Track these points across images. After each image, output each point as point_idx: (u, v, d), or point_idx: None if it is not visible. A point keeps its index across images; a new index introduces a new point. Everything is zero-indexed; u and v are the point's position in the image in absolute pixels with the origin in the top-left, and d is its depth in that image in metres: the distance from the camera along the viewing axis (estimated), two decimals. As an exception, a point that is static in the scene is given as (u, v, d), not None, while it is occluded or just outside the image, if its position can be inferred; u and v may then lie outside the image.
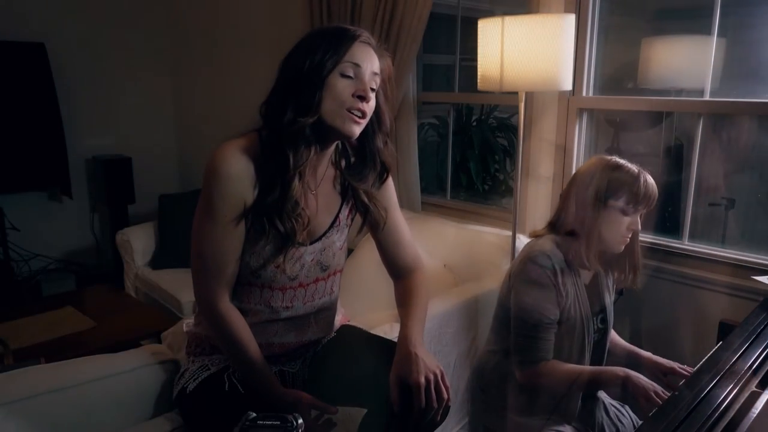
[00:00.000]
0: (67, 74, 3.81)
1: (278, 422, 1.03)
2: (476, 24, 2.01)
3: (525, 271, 1.45)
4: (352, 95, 1.15)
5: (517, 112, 2.20)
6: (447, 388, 1.19)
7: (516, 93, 2.04)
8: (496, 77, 1.93)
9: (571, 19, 1.94)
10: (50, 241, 3.94)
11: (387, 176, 1.34)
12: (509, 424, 1.50)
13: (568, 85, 1.99)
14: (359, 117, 1.17)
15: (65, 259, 4.04)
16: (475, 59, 2.06)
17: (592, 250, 1.43)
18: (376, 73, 1.19)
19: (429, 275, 2.24)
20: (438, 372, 1.19)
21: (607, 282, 1.56)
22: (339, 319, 1.52)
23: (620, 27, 2.56)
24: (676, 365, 1.48)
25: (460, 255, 2.32)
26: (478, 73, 2.03)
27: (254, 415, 1.06)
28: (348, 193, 1.33)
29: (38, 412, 1.19)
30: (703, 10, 2.06)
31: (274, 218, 1.19)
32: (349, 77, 1.16)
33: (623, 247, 1.47)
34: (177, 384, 1.35)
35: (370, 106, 1.19)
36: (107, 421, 1.29)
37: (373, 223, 1.36)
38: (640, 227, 1.45)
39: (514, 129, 3.55)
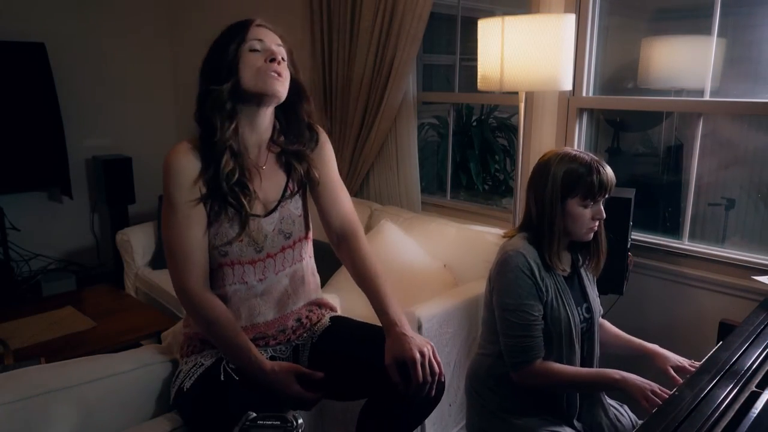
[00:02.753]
0: (67, 74, 3.81)
1: (278, 422, 1.04)
2: (476, 24, 2.01)
3: (502, 272, 1.45)
4: (265, 61, 1.31)
5: (517, 112, 2.20)
6: (438, 363, 1.27)
7: (516, 93, 2.05)
8: (496, 77, 1.94)
9: (571, 19, 1.94)
10: (50, 241, 3.95)
11: (317, 140, 1.47)
12: (506, 427, 1.50)
13: (568, 85, 1.99)
14: (277, 75, 1.31)
15: (65, 259, 4.04)
16: (475, 59, 2.06)
17: (554, 249, 1.44)
18: (279, 45, 1.35)
19: (429, 275, 2.26)
20: (429, 347, 1.27)
21: (587, 272, 1.57)
22: (319, 293, 1.55)
23: (620, 27, 2.57)
24: (686, 363, 1.48)
25: (460, 255, 2.32)
26: (478, 73, 2.03)
27: (254, 415, 1.06)
28: (291, 165, 1.44)
29: (38, 412, 1.19)
30: (703, 10, 2.07)
31: (219, 193, 1.31)
32: (257, 50, 1.32)
33: (592, 235, 1.48)
34: (173, 385, 1.36)
35: (284, 72, 1.33)
36: (107, 421, 1.29)
37: (308, 182, 1.46)
38: (604, 214, 1.45)
39: (514, 129, 3.55)
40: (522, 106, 2.07)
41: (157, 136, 4.36)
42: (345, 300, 2.06)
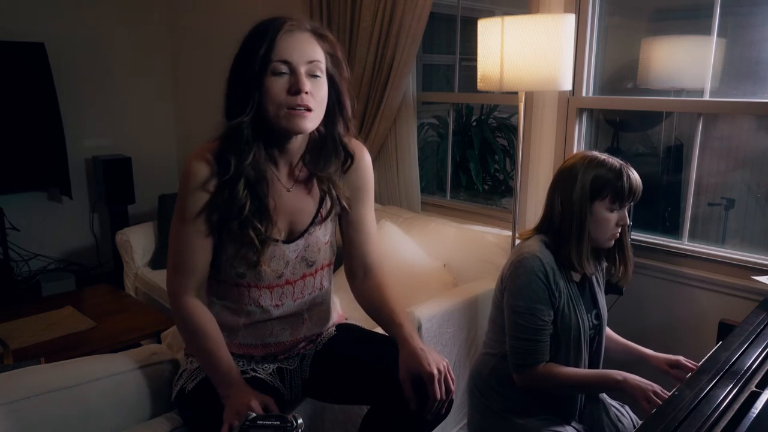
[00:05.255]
0: (67, 74, 3.81)
1: (278, 422, 1.03)
2: (476, 24, 2.01)
3: (516, 274, 1.44)
4: (288, 92, 1.15)
5: (517, 112, 2.20)
6: (453, 380, 1.22)
7: (516, 93, 2.05)
8: (496, 77, 1.94)
9: (571, 19, 1.94)
10: (50, 241, 3.95)
11: (351, 163, 1.32)
12: (508, 426, 1.50)
13: (567, 85, 1.99)
14: (304, 111, 1.16)
15: (65, 259, 4.04)
16: (474, 59, 2.06)
17: (584, 251, 1.42)
18: (313, 61, 1.17)
19: (429, 275, 2.26)
20: (445, 364, 1.22)
21: (598, 278, 1.57)
22: (336, 317, 1.52)
23: (620, 27, 2.56)
24: (681, 357, 1.48)
25: (460, 255, 2.32)
26: (478, 73, 2.03)
27: (254, 415, 1.06)
28: (323, 191, 1.32)
29: (38, 412, 1.19)
30: (703, 10, 2.07)
31: (231, 221, 1.22)
32: (282, 74, 1.15)
33: (613, 242, 1.47)
34: (176, 384, 1.35)
35: (317, 96, 1.18)
36: (107, 421, 1.29)
37: (339, 210, 1.35)
38: (629, 221, 1.45)
39: (514, 129, 3.55)
40: (522, 106, 2.07)
41: (157, 136, 4.37)
42: (345, 300, 2.06)
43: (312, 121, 1.19)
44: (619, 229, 1.45)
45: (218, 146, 1.22)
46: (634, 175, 1.41)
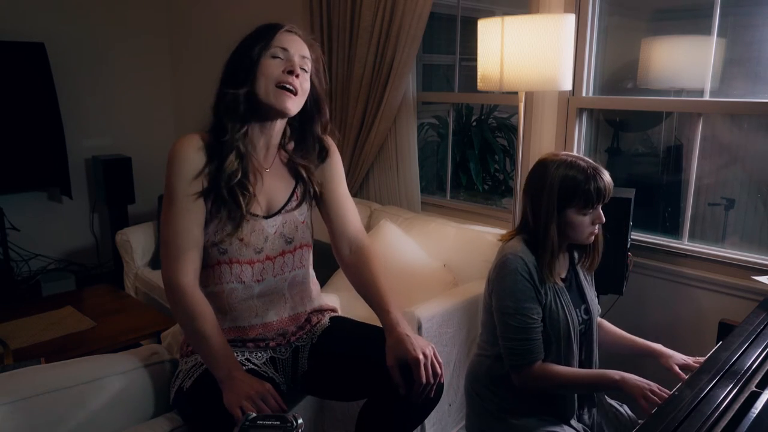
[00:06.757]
0: (67, 74, 3.81)
1: (278, 422, 1.03)
2: (476, 24, 2.02)
3: (501, 275, 1.44)
4: (282, 71, 1.29)
5: (517, 112, 2.20)
6: (440, 364, 1.27)
7: (516, 93, 2.05)
8: (496, 77, 1.94)
9: (571, 19, 1.94)
10: (50, 241, 3.95)
11: (326, 156, 1.48)
12: (505, 427, 1.50)
13: (567, 85, 1.99)
14: (291, 92, 1.30)
15: (65, 259, 4.04)
16: (474, 59, 2.06)
17: (552, 260, 1.43)
18: (305, 57, 1.34)
19: (429, 275, 2.26)
20: (431, 348, 1.28)
21: (584, 273, 1.57)
22: (322, 303, 1.55)
23: (620, 27, 2.56)
24: (690, 360, 1.48)
25: (460, 255, 2.32)
26: (478, 73, 2.03)
27: (254, 414, 1.06)
28: (299, 175, 1.44)
29: (38, 411, 1.19)
30: (703, 10, 2.07)
31: (220, 189, 1.30)
32: (278, 58, 1.31)
33: (593, 238, 1.47)
34: (173, 385, 1.36)
35: (302, 85, 1.32)
36: (107, 421, 1.29)
37: (312, 195, 1.47)
38: (604, 219, 1.44)
39: (514, 129, 3.55)
40: (522, 106, 2.07)
41: (156, 136, 4.37)
42: (344, 300, 2.06)
43: (295, 105, 1.32)
44: (596, 227, 1.45)
45: (208, 129, 1.34)
46: (604, 177, 1.40)
